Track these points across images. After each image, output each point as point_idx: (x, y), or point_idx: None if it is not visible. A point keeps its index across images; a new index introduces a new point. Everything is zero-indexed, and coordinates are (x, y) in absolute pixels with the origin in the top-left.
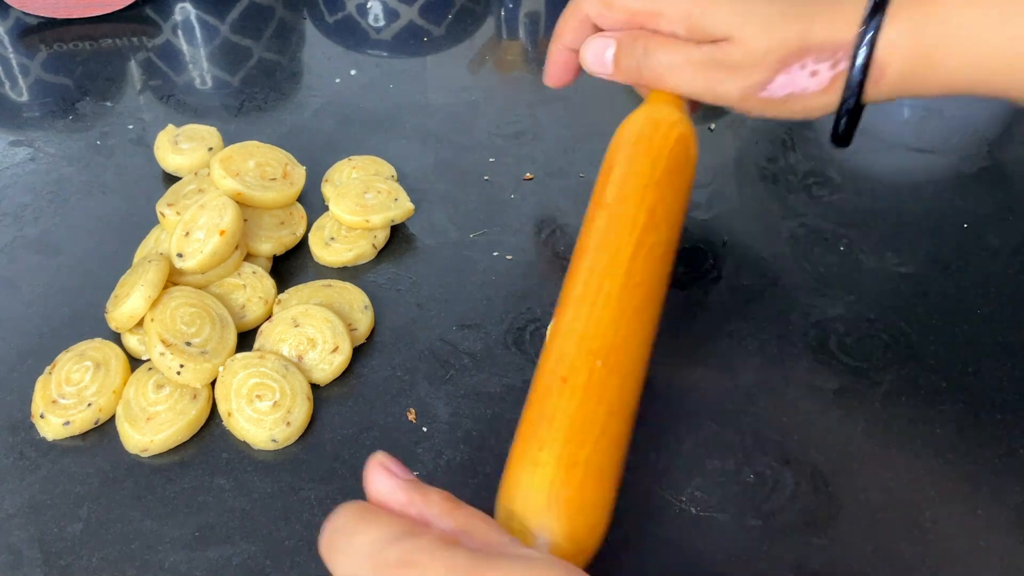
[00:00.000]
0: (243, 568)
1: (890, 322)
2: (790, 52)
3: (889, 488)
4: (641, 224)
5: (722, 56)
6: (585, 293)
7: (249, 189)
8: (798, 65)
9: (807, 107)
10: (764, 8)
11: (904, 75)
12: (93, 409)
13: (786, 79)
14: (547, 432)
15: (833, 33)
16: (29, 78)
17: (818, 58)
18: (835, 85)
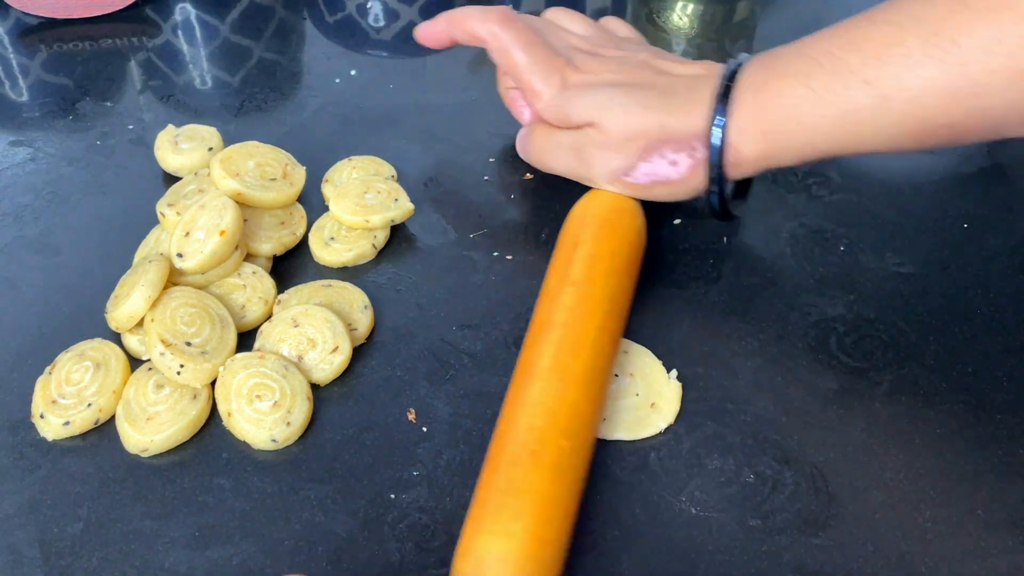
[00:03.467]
0: (243, 568)
1: (890, 322)
2: (650, 142)
3: (889, 488)
4: (605, 309)
5: (587, 140)
6: (554, 368)
7: (249, 189)
8: (657, 154)
9: (672, 192)
10: (625, 99)
11: (759, 154)
12: (93, 409)
13: (648, 167)
14: (519, 505)
15: (688, 126)
16: (29, 78)
17: (676, 148)
18: (696, 172)
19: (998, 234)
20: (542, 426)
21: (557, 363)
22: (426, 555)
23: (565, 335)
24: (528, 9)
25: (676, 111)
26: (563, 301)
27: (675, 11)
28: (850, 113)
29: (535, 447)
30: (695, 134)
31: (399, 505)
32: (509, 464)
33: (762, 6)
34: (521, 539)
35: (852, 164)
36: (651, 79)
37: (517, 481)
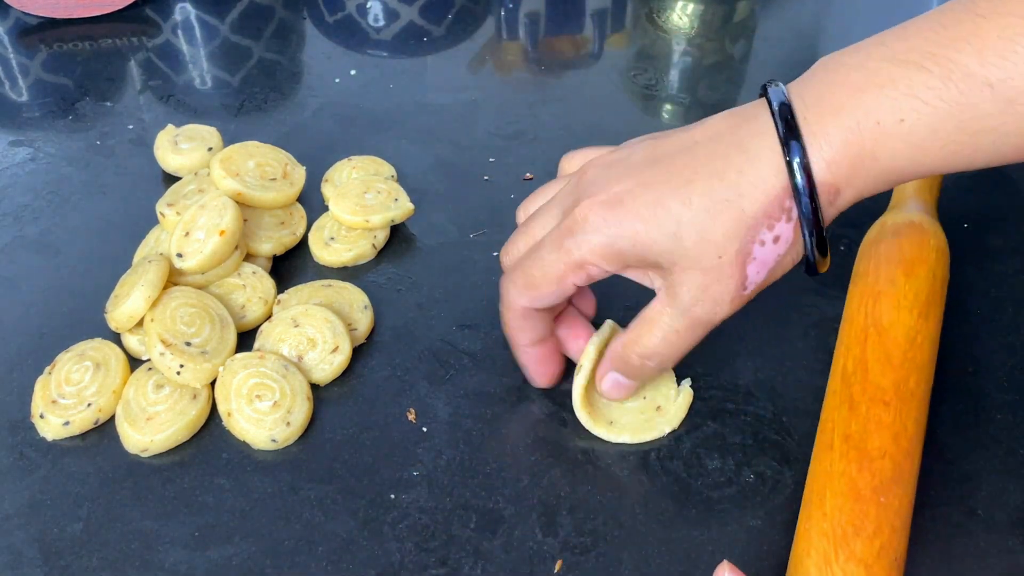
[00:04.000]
0: (243, 568)
1: None
2: (741, 242)
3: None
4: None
5: (688, 295)
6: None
7: (249, 189)
8: (756, 245)
9: (790, 263)
10: (688, 215)
11: (859, 184)
12: (93, 409)
13: (755, 265)
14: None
15: (767, 191)
16: (29, 78)
17: (770, 224)
18: (799, 232)
19: (998, 234)
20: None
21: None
22: (426, 555)
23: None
24: (527, 9)
25: (744, 184)
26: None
27: (675, 11)
28: (971, 122)
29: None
30: (780, 194)
31: (399, 505)
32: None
33: (762, 6)
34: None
35: None
36: (684, 161)
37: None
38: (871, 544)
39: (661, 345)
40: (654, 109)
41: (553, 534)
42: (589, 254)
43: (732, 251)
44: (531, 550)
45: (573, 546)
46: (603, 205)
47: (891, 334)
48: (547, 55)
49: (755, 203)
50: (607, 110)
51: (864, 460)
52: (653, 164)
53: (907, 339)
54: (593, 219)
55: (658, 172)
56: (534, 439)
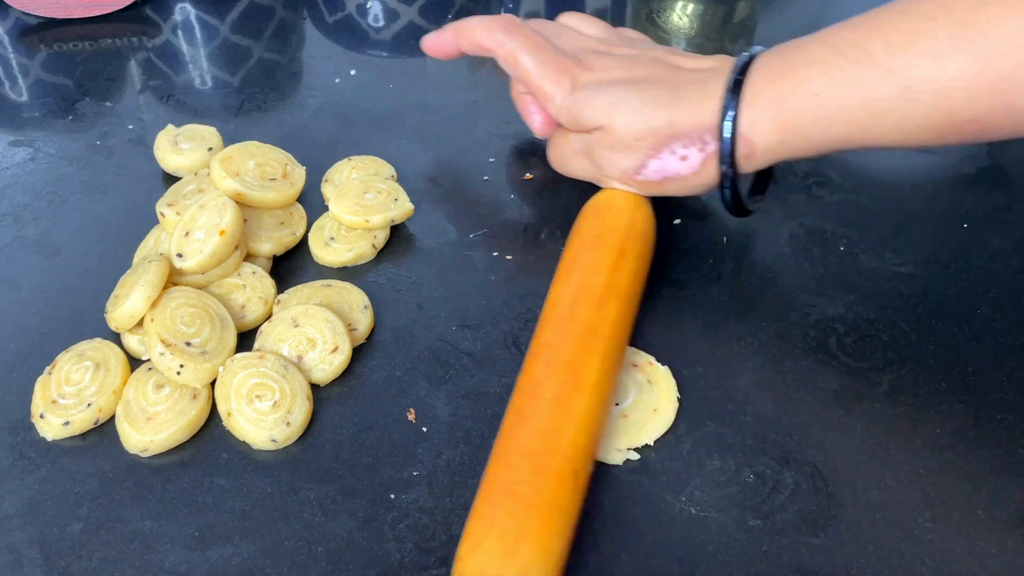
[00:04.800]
0: (243, 568)
1: (890, 322)
2: (658, 139)
3: (889, 488)
4: (632, 325)
5: (596, 143)
6: (598, 384)
7: (249, 189)
8: (668, 150)
9: (684, 187)
10: (633, 98)
11: (773, 146)
12: (93, 409)
13: (658, 163)
14: (559, 521)
15: (697, 119)
16: (29, 78)
17: (686, 143)
18: (707, 166)
19: (998, 234)
20: (585, 444)
21: (600, 379)
22: (426, 555)
23: (609, 351)
24: (527, 9)
25: (685, 105)
26: (608, 313)
27: (675, 11)
28: (873, 103)
29: (577, 466)
30: (705, 127)
31: (399, 505)
32: (552, 477)
33: (762, 6)
34: (554, 559)
35: (852, 164)
36: (661, 75)
37: (559, 498)
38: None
39: (562, 149)
40: None
41: None
42: (562, 101)
43: (647, 142)
44: None
45: (573, 546)
46: (592, 84)
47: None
48: None
49: (684, 122)
50: None
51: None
52: (647, 68)
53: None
54: (581, 85)
55: (643, 73)
56: None
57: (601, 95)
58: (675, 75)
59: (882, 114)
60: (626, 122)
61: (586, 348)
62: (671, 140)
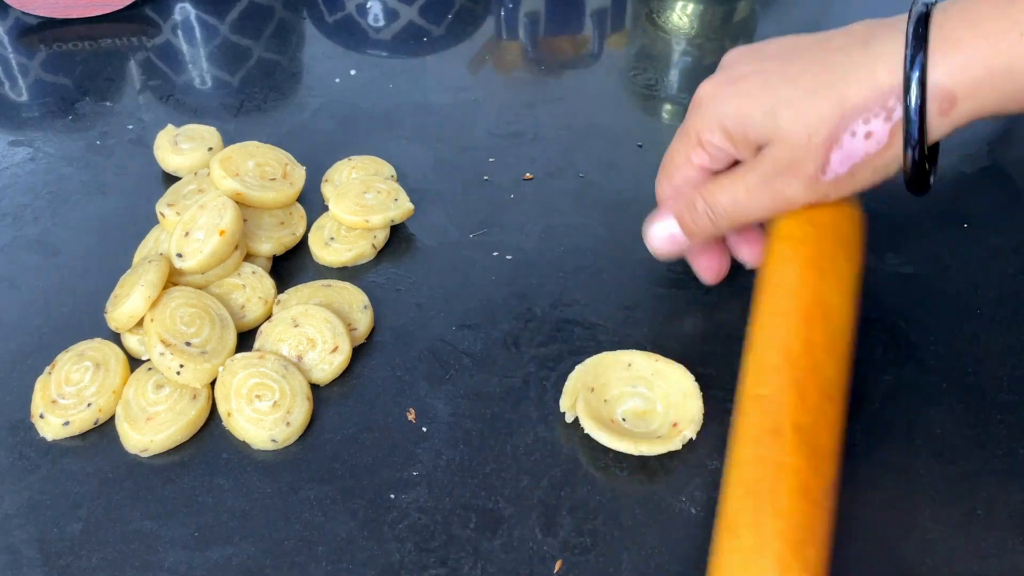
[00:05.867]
0: (243, 568)
1: (890, 322)
2: (832, 127)
3: (889, 488)
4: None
5: (772, 165)
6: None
7: (249, 189)
8: (848, 134)
9: (877, 169)
10: (790, 93)
11: (980, 96)
12: (93, 409)
13: (841, 153)
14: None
15: (873, 85)
16: (29, 78)
17: (867, 117)
18: (898, 135)
19: (998, 234)
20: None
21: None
22: (426, 555)
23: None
24: (527, 9)
25: (852, 76)
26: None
27: (675, 11)
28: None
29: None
30: (887, 91)
31: (399, 505)
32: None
33: (762, 6)
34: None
35: None
36: (804, 52)
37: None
38: (820, 553)
39: (729, 199)
40: (654, 109)
41: (553, 534)
42: (704, 130)
43: (823, 134)
44: (531, 550)
45: (573, 546)
46: (719, 84)
47: (836, 321)
48: (547, 55)
49: (858, 94)
50: (607, 110)
51: (816, 458)
52: (782, 54)
53: (848, 329)
54: (707, 97)
55: (782, 59)
56: (534, 439)
57: (748, 97)
58: (820, 49)
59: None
60: (791, 124)
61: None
62: (847, 122)
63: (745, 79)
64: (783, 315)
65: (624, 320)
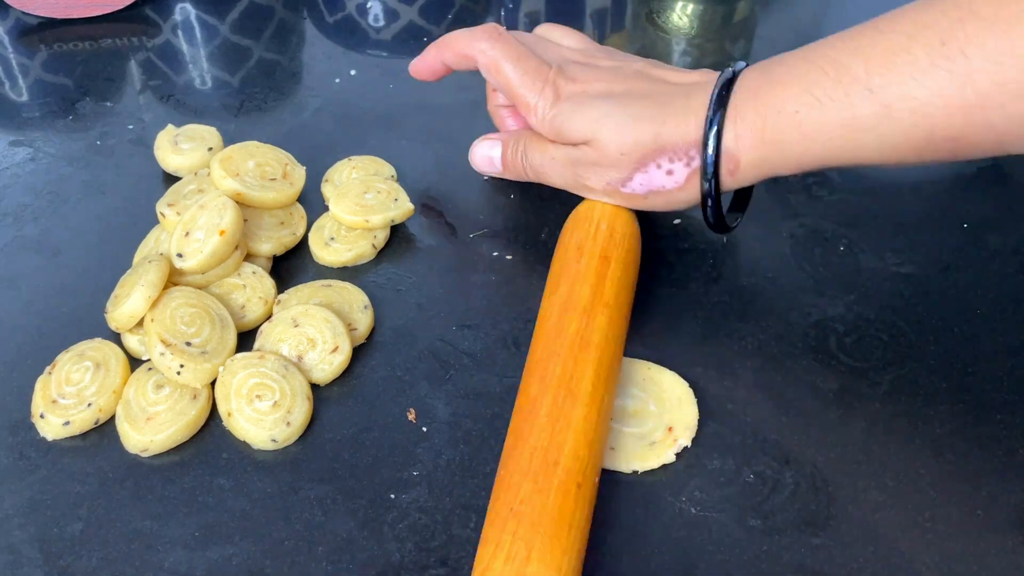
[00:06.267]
0: (243, 568)
1: (890, 322)
2: (644, 153)
3: (889, 488)
4: (624, 333)
5: (581, 156)
6: (594, 395)
7: (249, 189)
8: (654, 165)
9: (669, 201)
10: (619, 113)
11: (757, 162)
12: (93, 409)
13: (644, 177)
14: (568, 538)
15: (684, 134)
16: (29, 78)
17: (672, 158)
18: (692, 181)
19: (998, 234)
20: (586, 456)
21: (595, 390)
22: (426, 555)
23: (602, 360)
24: (528, 9)
25: (671, 120)
26: (598, 322)
27: (675, 11)
28: (853, 121)
29: (580, 479)
30: (691, 142)
31: (399, 505)
32: (554, 493)
33: (762, 6)
34: (564, 574)
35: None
36: (646, 88)
37: (564, 514)
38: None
39: (539, 160)
40: None
41: None
42: (544, 112)
43: (634, 155)
44: None
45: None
46: (575, 96)
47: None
48: None
49: (670, 136)
50: None
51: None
52: (631, 81)
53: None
54: (563, 97)
55: (627, 86)
56: None
57: (586, 108)
58: (660, 88)
59: (862, 132)
60: (612, 137)
61: (578, 360)
62: (657, 154)
63: (595, 98)
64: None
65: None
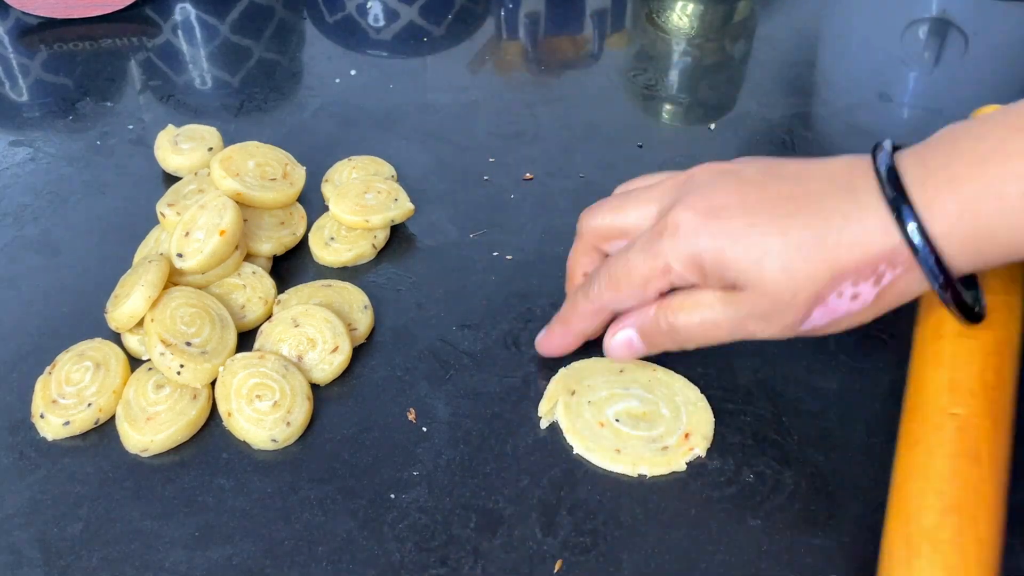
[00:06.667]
0: (243, 568)
1: (890, 322)
2: (821, 288)
3: (889, 488)
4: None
5: (749, 309)
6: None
7: (249, 189)
8: (834, 295)
9: (855, 321)
10: (779, 246)
11: (970, 258)
12: (93, 409)
13: (823, 311)
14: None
15: (866, 251)
16: (29, 78)
17: (856, 281)
18: (884, 297)
19: None
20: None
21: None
22: (426, 555)
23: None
24: (527, 10)
25: (845, 237)
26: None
27: (675, 11)
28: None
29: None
30: (879, 256)
31: (399, 505)
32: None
33: (762, 6)
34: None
35: None
36: (788, 191)
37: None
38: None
39: (696, 327)
40: (654, 109)
41: (553, 534)
42: (675, 260)
43: (809, 291)
44: (531, 550)
45: (573, 546)
46: (700, 213)
47: (1016, 362)
48: (547, 55)
49: (850, 257)
50: (607, 110)
51: (1002, 491)
52: (762, 186)
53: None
54: (686, 226)
55: (765, 195)
56: (534, 439)
57: (731, 238)
58: (804, 189)
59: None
60: (777, 280)
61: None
62: (837, 284)
63: (727, 212)
64: (979, 340)
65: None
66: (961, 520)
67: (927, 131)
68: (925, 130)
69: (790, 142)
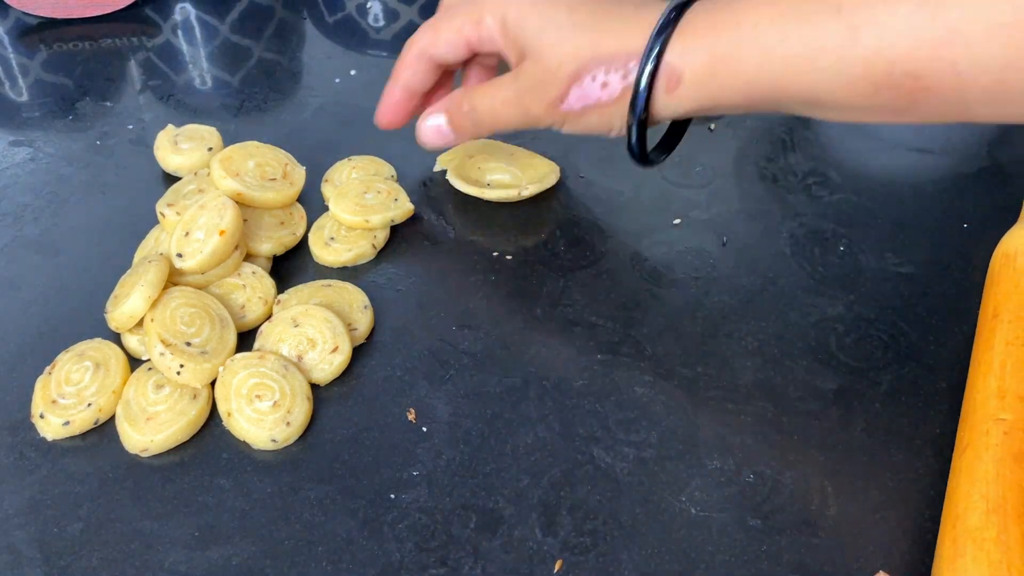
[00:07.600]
0: (243, 568)
1: (890, 322)
2: (581, 64)
3: (889, 488)
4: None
5: (525, 79)
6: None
7: (249, 189)
8: (589, 76)
9: (603, 120)
10: (563, 19)
11: (702, 80)
12: (93, 409)
13: (579, 91)
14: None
15: (624, 44)
16: (29, 78)
17: (608, 68)
18: (627, 96)
19: (998, 234)
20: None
21: None
22: (426, 555)
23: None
24: None
25: (615, 31)
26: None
27: None
28: (814, 41)
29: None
30: (631, 52)
31: (399, 505)
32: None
33: None
34: None
35: (852, 164)
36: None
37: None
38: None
39: (490, 106)
40: None
41: (553, 534)
42: (488, 13)
43: (570, 67)
44: (531, 550)
45: (573, 546)
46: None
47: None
48: None
49: (610, 47)
50: None
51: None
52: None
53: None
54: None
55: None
56: (534, 439)
57: (534, 6)
58: (612, 2)
59: (822, 55)
60: (551, 46)
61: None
62: (593, 65)
63: (542, 9)
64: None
65: (624, 320)
66: (1005, 519)
67: (927, 129)
68: (925, 129)
69: (790, 142)
